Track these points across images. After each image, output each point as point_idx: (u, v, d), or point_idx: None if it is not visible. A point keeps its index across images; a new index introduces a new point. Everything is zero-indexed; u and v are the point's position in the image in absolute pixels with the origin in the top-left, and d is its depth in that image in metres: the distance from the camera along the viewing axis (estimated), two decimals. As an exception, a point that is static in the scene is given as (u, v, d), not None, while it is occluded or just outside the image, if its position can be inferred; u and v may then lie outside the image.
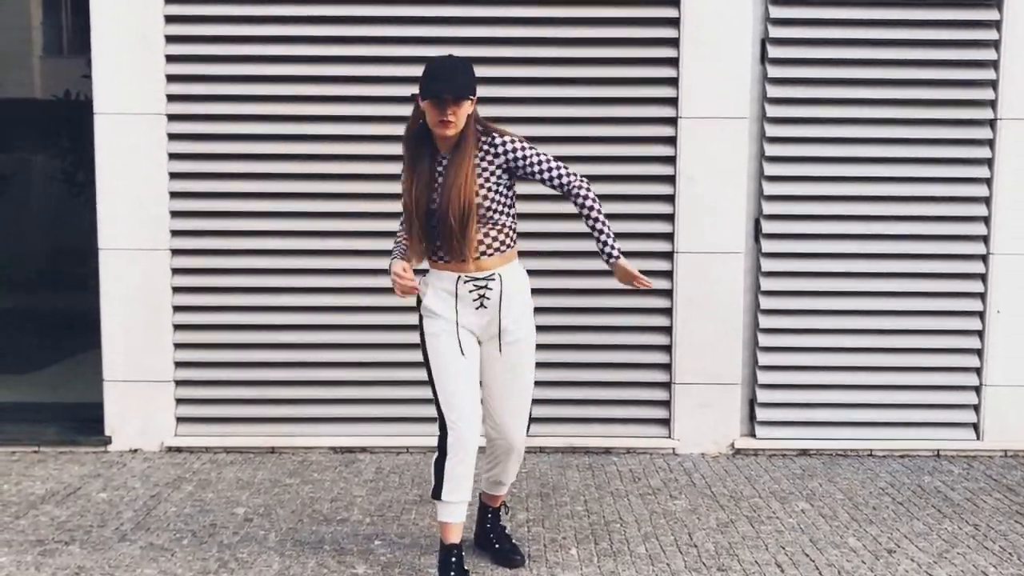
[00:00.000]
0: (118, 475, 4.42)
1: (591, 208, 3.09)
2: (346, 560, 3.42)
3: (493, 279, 3.10)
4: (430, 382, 3.17)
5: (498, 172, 3.06)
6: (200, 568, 3.34)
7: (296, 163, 4.74)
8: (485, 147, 3.05)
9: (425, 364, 3.20)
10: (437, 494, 3.14)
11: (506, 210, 3.11)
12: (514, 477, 3.41)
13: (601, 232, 3.11)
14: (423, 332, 3.18)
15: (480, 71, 4.63)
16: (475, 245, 3.05)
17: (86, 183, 4.74)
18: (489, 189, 3.05)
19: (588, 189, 3.10)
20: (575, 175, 3.10)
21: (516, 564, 3.37)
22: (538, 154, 3.07)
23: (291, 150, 4.73)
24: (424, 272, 3.23)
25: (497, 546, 3.44)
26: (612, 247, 3.12)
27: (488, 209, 3.05)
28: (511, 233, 3.15)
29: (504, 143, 3.05)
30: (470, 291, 3.09)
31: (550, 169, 3.07)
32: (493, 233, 3.09)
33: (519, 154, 3.05)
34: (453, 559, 3.15)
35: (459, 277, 3.09)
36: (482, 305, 3.11)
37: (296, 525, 3.77)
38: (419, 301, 3.20)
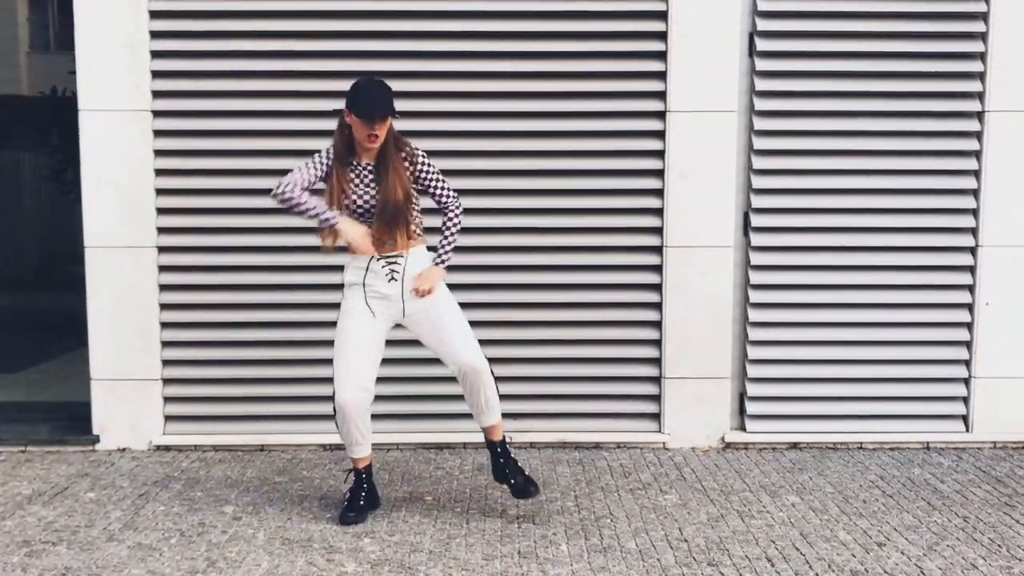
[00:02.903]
0: (106, 474, 4.39)
1: (449, 224, 3.76)
2: (335, 558, 3.40)
3: (401, 256, 3.65)
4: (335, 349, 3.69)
5: (410, 178, 3.65)
6: (188, 567, 3.32)
7: (284, 159, 4.71)
8: (404, 157, 3.64)
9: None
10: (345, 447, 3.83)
11: (415, 208, 3.69)
12: (496, 405, 3.75)
13: (445, 242, 3.75)
14: (341, 306, 3.72)
15: (465, 65, 4.67)
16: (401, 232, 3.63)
17: (75, 181, 4.70)
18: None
19: (456, 211, 3.76)
20: (454, 198, 3.77)
21: (531, 495, 3.77)
22: (437, 175, 3.72)
23: (279, 146, 4.71)
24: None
25: (512, 480, 3.79)
26: (444, 255, 3.75)
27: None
28: (418, 226, 3.71)
29: (418, 158, 3.67)
30: (382, 267, 3.64)
31: (441, 190, 3.73)
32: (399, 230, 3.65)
33: (426, 171, 3.69)
34: (364, 475, 3.83)
35: (372, 257, 3.64)
36: (392, 278, 3.65)
37: (285, 523, 3.76)
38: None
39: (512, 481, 3.79)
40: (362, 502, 3.81)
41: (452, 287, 3.81)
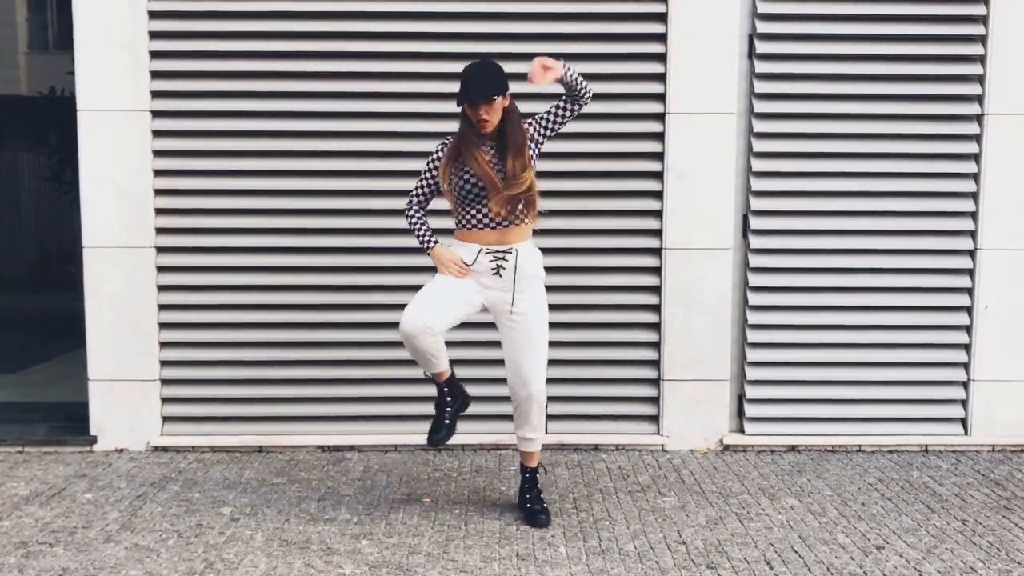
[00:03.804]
0: (103, 475, 4.39)
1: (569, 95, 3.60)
2: (333, 560, 3.40)
3: (510, 252, 3.58)
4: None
5: (533, 146, 3.58)
6: (186, 569, 3.31)
7: (283, 160, 4.71)
8: (526, 127, 3.58)
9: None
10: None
11: (533, 187, 3.55)
12: (541, 429, 3.78)
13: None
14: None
15: (463, 65, 4.64)
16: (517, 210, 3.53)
17: (73, 181, 4.69)
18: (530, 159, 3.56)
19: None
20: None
21: (540, 524, 3.72)
22: (547, 114, 3.63)
23: (278, 147, 4.70)
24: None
25: (528, 506, 3.80)
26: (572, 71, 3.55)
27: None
28: (534, 213, 3.59)
29: (531, 121, 3.62)
30: (490, 260, 3.57)
31: (556, 109, 3.61)
32: (521, 205, 3.55)
33: (538, 119, 3.60)
34: (446, 388, 3.76)
35: (480, 249, 3.58)
36: (498, 273, 3.58)
37: (283, 525, 3.75)
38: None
39: (527, 507, 3.80)
40: (447, 420, 3.75)
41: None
